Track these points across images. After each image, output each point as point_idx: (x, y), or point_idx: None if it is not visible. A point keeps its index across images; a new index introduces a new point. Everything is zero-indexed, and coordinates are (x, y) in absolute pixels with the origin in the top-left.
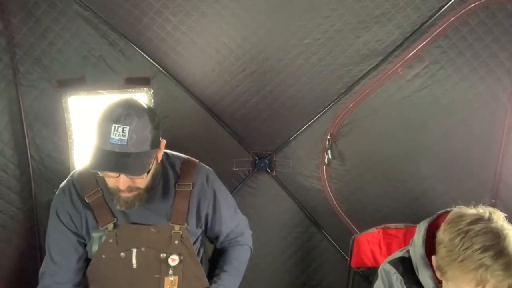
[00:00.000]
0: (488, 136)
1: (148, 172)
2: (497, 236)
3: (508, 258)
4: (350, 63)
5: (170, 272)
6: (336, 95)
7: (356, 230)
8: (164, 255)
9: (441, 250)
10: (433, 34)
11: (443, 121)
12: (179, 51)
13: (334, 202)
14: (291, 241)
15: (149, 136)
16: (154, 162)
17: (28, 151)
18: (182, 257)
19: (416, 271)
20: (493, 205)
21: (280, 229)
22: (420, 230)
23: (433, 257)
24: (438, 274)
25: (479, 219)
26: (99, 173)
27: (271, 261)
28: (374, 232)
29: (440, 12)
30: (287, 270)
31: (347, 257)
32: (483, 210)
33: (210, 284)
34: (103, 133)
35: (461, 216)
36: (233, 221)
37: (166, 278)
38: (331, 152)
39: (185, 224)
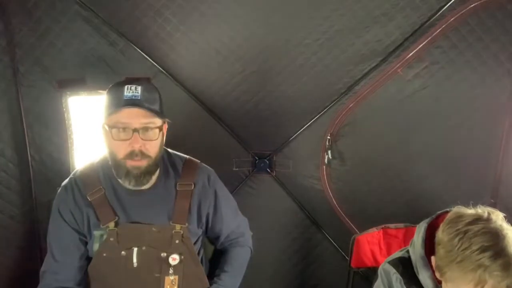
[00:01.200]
0: (488, 136)
1: (160, 131)
2: (495, 236)
3: (506, 258)
4: (350, 63)
5: (171, 271)
6: (336, 95)
7: (356, 230)
8: (165, 254)
9: (440, 250)
10: (433, 34)
11: (443, 121)
12: (179, 51)
13: (334, 202)
14: (291, 241)
15: (158, 100)
16: (161, 136)
17: (28, 151)
18: (182, 257)
19: (416, 271)
20: (493, 205)
21: (280, 229)
22: (419, 230)
23: (432, 257)
24: (437, 274)
25: (477, 219)
26: (112, 136)
27: (271, 261)
28: (374, 232)
29: (440, 12)
30: (287, 270)
31: (347, 257)
32: (482, 210)
33: (210, 284)
34: (116, 96)
35: (460, 217)
36: (233, 222)
37: (166, 277)
38: (331, 152)
39: (186, 224)
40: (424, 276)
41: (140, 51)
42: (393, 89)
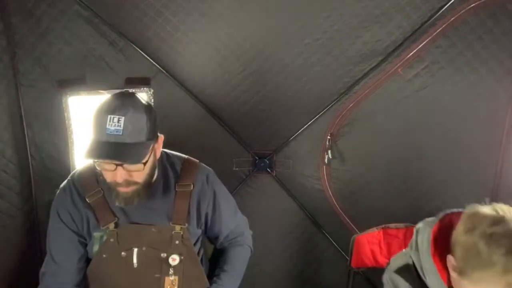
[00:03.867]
0: (488, 136)
1: (145, 164)
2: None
3: None
4: (350, 63)
5: (171, 272)
6: (336, 95)
7: (356, 230)
8: (165, 254)
9: (461, 253)
10: (433, 34)
11: (443, 121)
12: (179, 51)
13: (334, 202)
14: (291, 241)
15: (145, 127)
16: (152, 156)
17: (28, 151)
18: (182, 257)
19: (422, 275)
20: None
21: (280, 229)
22: (423, 234)
23: (449, 256)
24: (454, 274)
25: (500, 219)
26: (96, 166)
27: (271, 261)
28: (374, 232)
29: (440, 12)
30: (287, 270)
31: (347, 257)
32: (499, 209)
33: (210, 284)
34: (99, 125)
35: (480, 217)
36: (233, 222)
37: (166, 278)
38: (331, 152)
39: (186, 225)
40: (432, 280)
41: (140, 51)
42: (393, 89)
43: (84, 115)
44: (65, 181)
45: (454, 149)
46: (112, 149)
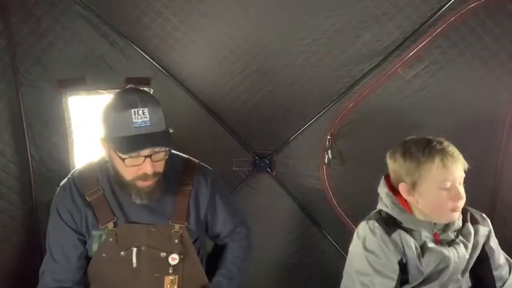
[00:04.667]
0: (488, 136)
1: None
2: (425, 138)
3: (445, 142)
4: (350, 63)
5: (170, 271)
6: (336, 95)
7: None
8: (164, 254)
9: (403, 171)
10: (433, 34)
11: (443, 121)
12: (179, 51)
13: (334, 202)
14: (291, 241)
15: (162, 117)
16: None
17: (28, 151)
18: (182, 256)
19: (397, 219)
20: (493, 205)
21: (280, 229)
22: (380, 188)
23: (401, 184)
24: (410, 196)
25: (406, 140)
26: (124, 164)
27: (271, 260)
28: None
29: (440, 12)
30: (287, 269)
31: (346, 256)
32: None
33: (210, 281)
34: (123, 121)
35: (395, 148)
36: (233, 221)
37: (166, 277)
38: (331, 152)
39: (185, 224)
40: (404, 217)
41: (140, 51)
42: (393, 89)
43: (84, 115)
44: (65, 180)
45: None
46: (148, 139)
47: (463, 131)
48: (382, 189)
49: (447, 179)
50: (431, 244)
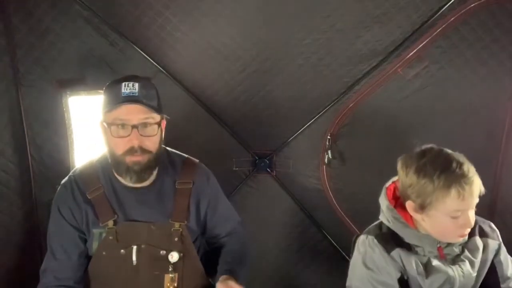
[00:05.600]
0: (488, 136)
1: (158, 127)
2: (446, 156)
3: (465, 163)
4: (350, 63)
5: (170, 269)
6: (336, 95)
7: (356, 230)
8: (164, 252)
9: (413, 191)
10: (433, 34)
11: (443, 121)
12: (179, 51)
13: (334, 202)
14: (291, 241)
15: (155, 97)
16: (159, 131)
17: (28, 151)
18: (182, 254)
19: (398, 234)
20: (493, 205)
21: (280, 229)
22: (382, 201)
23: (407, 203)
24: (417, 214)
25: (424, 152)
26: (111, 133)
27: (270, 260)
28: None
29: (440, 12)
30: (287, 269)
31: (347, 257)
32: (423, 147)
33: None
34: (114, 93)
35: (409, 159)
36: (232, 222)
37: (166, 275)
38: (331, 152)
39: (185, 222)
40: (405, 232)
41: (140, 51)
42: (393, 89)
43: (84, 115)
44: (66, 178)
45: (454, 149)
46: (129, 99)
47: (463, 131)
48: (383, 202)
49: (459, 209)
50: (435, 262)
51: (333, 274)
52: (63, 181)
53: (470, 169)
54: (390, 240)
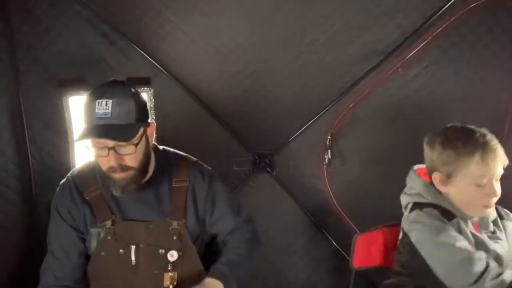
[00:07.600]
0: None
1: (136, 145)
2: (469, 128)
3: (488, 134)
4: (350, 63)
5: (169, 267)
6: (336, 95)
7: (356, 229)
8: (163, 251)
9: (440, 160)
10: (434, 34)
11: (443, 121)
12: (179, 51)
13: (334, 202)
14: (291, 240)
15: (133, 109)
16: (144, 141)
17: (29, 151)
18: (181, 253)
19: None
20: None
21: (280, 229)
22: (412, 179)
23: (434, 174)
24: (443, 185)
25: (446, 128)
26: (92, 154)
27: (271, 260)
28: (374, 231)
29: (440, 11)
30: (287, 269)
31: (347, 257)
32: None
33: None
34: (89, 111)
35: (434, 135)
36: (235, 220)
37: (165, 274)
38: (332, 151)
39: (183, 220)
40: (447, 204)
41: (140, 51)
42: (393, 88)
43: None
44: (65, 179)
45: None
46: (101, 130)
47: None
48: (417, 181)
49: (484, 175)
50: (483, 236)
51: (333, 274)
52: (61, 182)
53: (493, 139)
54: (441, 212)
